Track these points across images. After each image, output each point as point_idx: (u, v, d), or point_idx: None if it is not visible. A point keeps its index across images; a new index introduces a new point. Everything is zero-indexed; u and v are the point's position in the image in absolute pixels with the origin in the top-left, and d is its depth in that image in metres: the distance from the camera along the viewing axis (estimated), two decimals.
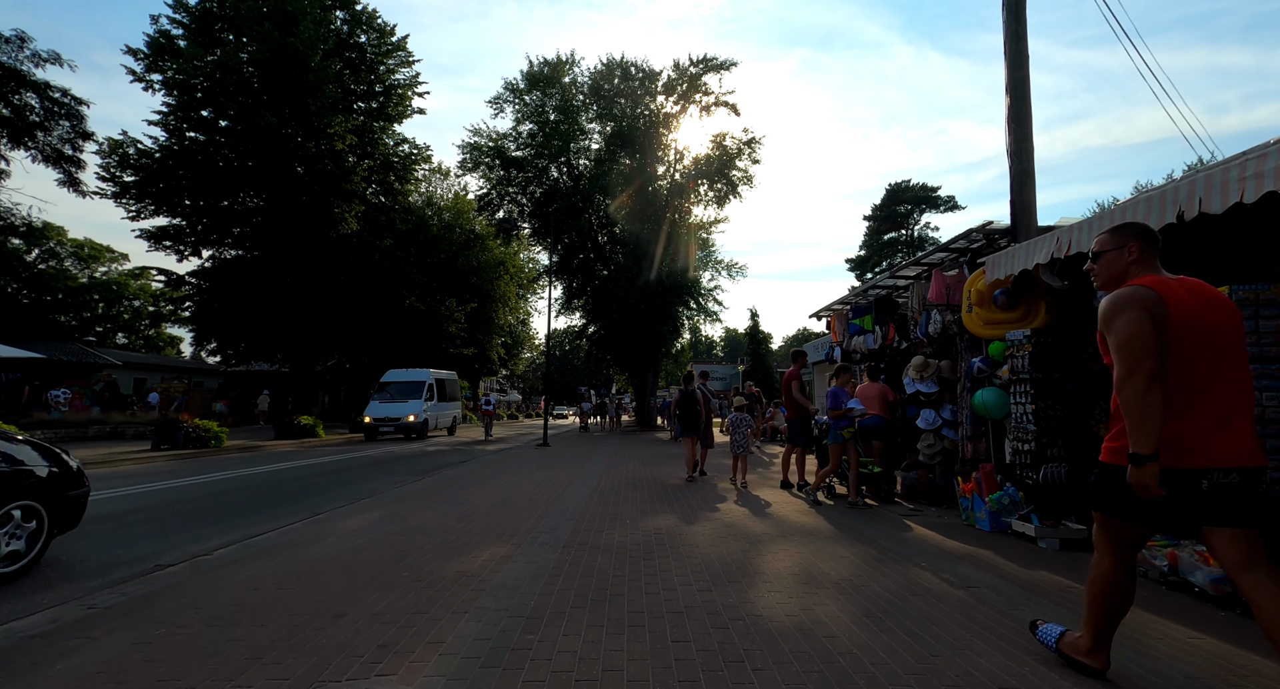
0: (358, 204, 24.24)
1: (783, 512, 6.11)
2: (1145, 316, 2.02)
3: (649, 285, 24.73)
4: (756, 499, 6.90)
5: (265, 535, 4.77)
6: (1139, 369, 1.99)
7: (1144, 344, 2.00)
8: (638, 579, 3.64)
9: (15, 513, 3.89)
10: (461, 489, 7.50)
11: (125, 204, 22.66)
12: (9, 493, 3.86)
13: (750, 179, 27.43)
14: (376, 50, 26.15)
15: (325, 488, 8.15)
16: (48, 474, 4.14)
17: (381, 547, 4.41)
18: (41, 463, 4.16)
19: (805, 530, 5.14)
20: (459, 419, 23.35)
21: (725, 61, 26.25)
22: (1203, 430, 2.00)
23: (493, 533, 4.92)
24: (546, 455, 12.91)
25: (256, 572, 3.76)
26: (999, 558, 4.23)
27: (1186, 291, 2.09)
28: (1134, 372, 2.00)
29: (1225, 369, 2.04)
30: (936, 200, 41.40)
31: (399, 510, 5.93)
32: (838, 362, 9.51)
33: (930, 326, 6.16)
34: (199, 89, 21.63)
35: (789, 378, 7.82)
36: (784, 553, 4.35)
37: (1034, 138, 5.68)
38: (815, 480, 7.03)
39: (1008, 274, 4.93)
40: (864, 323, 8.94)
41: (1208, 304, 2.08)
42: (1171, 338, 2.02)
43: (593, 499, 6.80)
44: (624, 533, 4.97)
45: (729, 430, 8.26)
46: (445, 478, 8.66)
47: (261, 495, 7.45)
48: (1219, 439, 1.98)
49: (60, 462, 4.30)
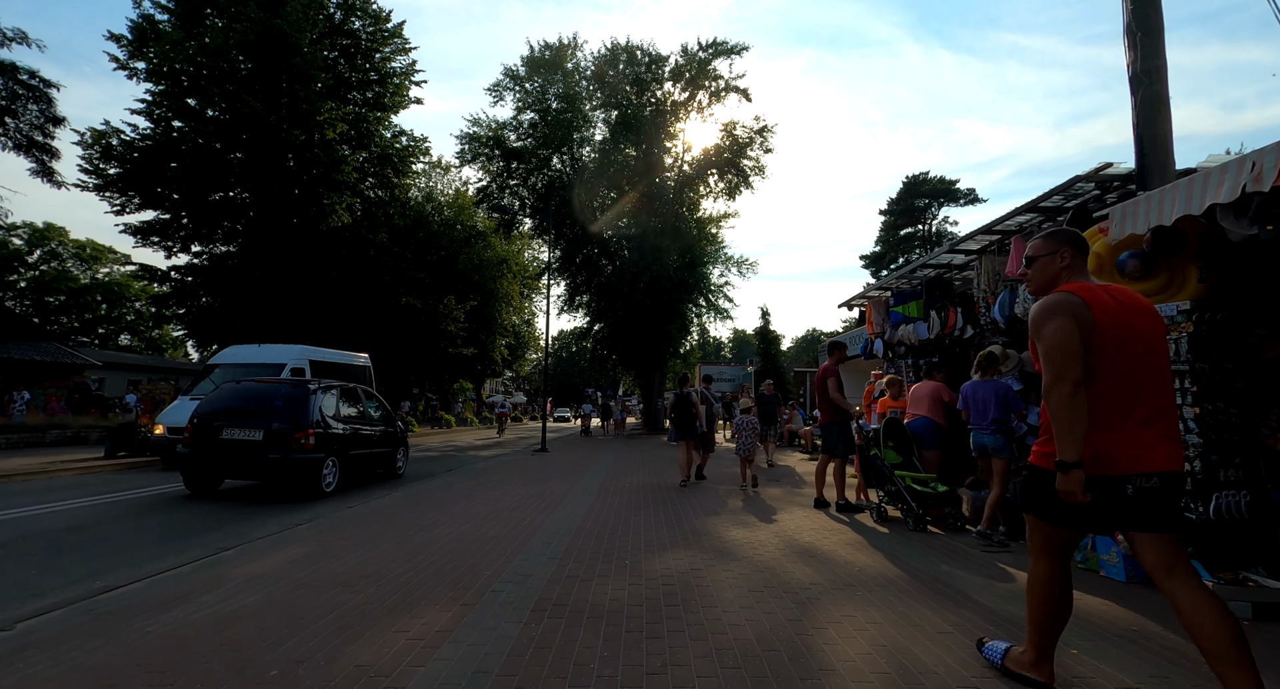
0: (349, 195, 23.09)
1: (828, 543, 4.75)
2: (1071, 324, 2.03)
3: (656, 281, 23.40)
4: (788, 522, 5.54)
5: (125, 588, 3.47)
6: (1065, 377, 2.00)
7: (1070, 352, 2.02)
8: (636, 682, 2.31)
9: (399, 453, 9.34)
10: (428, 509, 6.19)
11: (109, 197, 21.68)
12: (392, 441, 9.31)
13: (762, 169, 26.08)
14: (371, 38, 25.04)
15: (268, 508, 6.87)
16: (402, 433, 9.74)
17: (270, 612, 3.10)
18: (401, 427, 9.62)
19: (869, 578, 3.78)
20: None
21: (736, 45, 24.91)
22: (1127, 437, 2.01)
23: (442, 582, 3.61)
24: (542, 463, 11.60)
25: (39, 671, 2.46)
26: (1172, 633, 2.86)
27: (1111, 298, 2.11)
28: (1061, 379, 2.01)
29: (1148, 375, 2.06)
30: (956, 193, 39.72)
31: (334, 544, 4.63)
32: (878, 355, 8.14)
33: (1016, 307, 4.78)
34: (183, 75, 20.61)
35: (825, 374, 6.46)
36: (851, 622, 2.99)
37: (1167, 55, 4.31)
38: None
39: (1145, 229, 3.56)
40: (909, 310, 7.56)
41: (1132, 310, 2.10)
42: (1097, 344, 2.03)
43: (586, 524, 5.47)
44: (620, 582, 3.63)
45: (735, 435, 7.94)
46: (415, 493, 7.36)
47: (181, 518, 6.17)
48: (1141, 445, 1.99)
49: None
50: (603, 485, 8.26)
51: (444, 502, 6.73)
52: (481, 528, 5.27)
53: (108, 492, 7.79)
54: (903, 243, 40.91)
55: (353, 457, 8.13)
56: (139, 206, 21.87)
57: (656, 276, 23.27)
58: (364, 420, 8.68)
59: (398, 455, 9.60)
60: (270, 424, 7.09)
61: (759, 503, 6.84)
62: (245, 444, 7.06)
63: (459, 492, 7.57)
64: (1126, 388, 2.03)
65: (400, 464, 9.75)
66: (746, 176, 26.09)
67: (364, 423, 8.62)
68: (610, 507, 6.46)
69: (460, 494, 7.36)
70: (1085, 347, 2.02)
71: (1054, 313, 2.08)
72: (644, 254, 23.44)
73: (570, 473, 9.85)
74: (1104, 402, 2.03)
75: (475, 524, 5.45)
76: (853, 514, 6.09)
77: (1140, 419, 2.02)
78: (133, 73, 21.53)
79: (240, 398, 7.52)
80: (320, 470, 7.28)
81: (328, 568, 3.90)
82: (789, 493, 7.66)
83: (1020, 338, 5.42)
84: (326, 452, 7.41)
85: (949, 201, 40.33)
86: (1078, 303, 2.07)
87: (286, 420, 7.12)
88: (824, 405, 6.56)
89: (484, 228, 34.26)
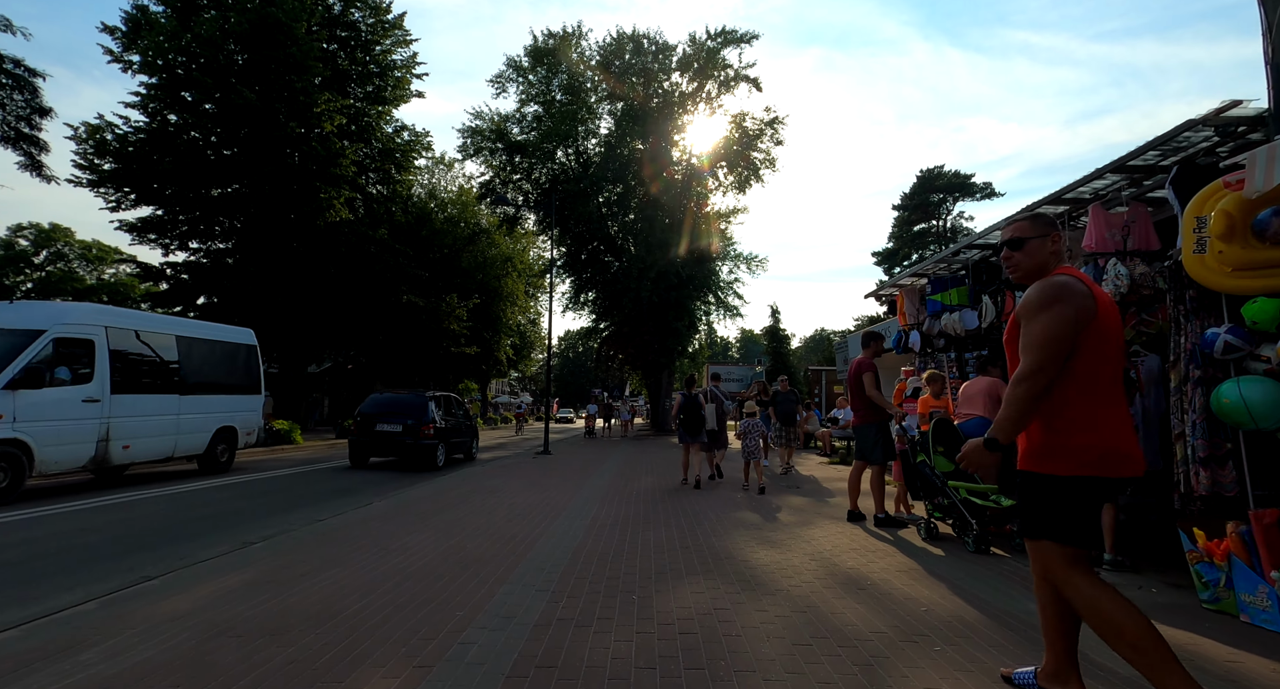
0: (348, 190, 22.48)
1: (877, 570, 3.95)
2: (1073, 315, 1.94)
3: (664, 276, 22.60)
4: (822, 539, 4.74)
5: None
6: (1046, 370, 1.93)
7: (1063, 345, 1.94)
8: None
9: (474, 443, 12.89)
10: (407, 523, 5.45)
11: (104, 193, 21.25)
12: (471, 433, 12.88)
13: (773, 162, 25.24)
14: (371, 30, 24.44)
15: (222, 522, 6.16)
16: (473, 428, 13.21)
17: (164, 675, 2.35)
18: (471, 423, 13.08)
19: (941, 622, 2.98)
20: (258, 431, 10.91)
21: (746, 33, 24.07)
22: (1128, 437, 1.97)
23: (400, 628, 2.84)
24: (544, 467, 10.85)
25: None
26: None
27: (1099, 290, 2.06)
28: (1042, 371, 1.94)
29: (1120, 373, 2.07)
30: (971, 187, 38.57)
31: (286, 568, 3.88)
32: (912, 349, 7.32)
33: (1112, 283, 3.95)
34: (178, 67, 20.10)
35: (860, 368, 5.66)
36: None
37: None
38: None
39: None
40: (950, 297, 6.73)
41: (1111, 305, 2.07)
42: (1093, 338, 1.96)
43: (587, 542, 4.70)
44: (626, 629, 2.86)
45: (740, 436, 8.02)
46: (399, 502, 6.62)
47: (114, 540, 5.46)
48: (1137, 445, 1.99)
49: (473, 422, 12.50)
50: (607, 493, 7.49)
51: (429, 512, 5.98)
52: (465, 546, 4.52)
53: (32, 505, 7.09)
54: (916, 239, 39.82)
55: (451, 443, 11.48)
56: (135, 202, 21.39)
57: (664, 272, 22.48)
58: (455, 419, 12.01)
59: (473, 444, 13.23)
60: (407, 421, 10.49)
61: (783, 515, 6.05)
62: (391, 434, 10.52)
63: (449, 499, 6.82)
64: (1116, 386, 2.02)
65: (475, 450, 13.44)
66: (757, 169, 25.25)
67: (455, 420, 12.01)
68: (616, 519, 5.69)
69: (450, 502, 6.61)
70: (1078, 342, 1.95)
71: (1058, 299, 1.97)
72: (651, 249, 22.65)
73: (573, 478, 9.09)
74: (1100, 398, 1.97)
75: (459, 540, 4.69)
76: (895, 530, 5.28)
77: (1128, 418, 2.02)
78: (127, 66, 21.02)
79: (388, 404, 10.94)
80: (436, 452, 10.73)
81: (265, 605, 3.15)
82: (815, 503, 6.85)
83: None
84: (439, 440, 10.84)
85: (964, 196, 39.21)
86: (1085, 293, 1.98)
87: (416, 419, 10.50)
88: (859, 404, 5.75)
89: (488, 225, 33.61)
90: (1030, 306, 2.02)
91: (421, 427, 10.34)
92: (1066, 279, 2.02)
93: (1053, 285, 2.01)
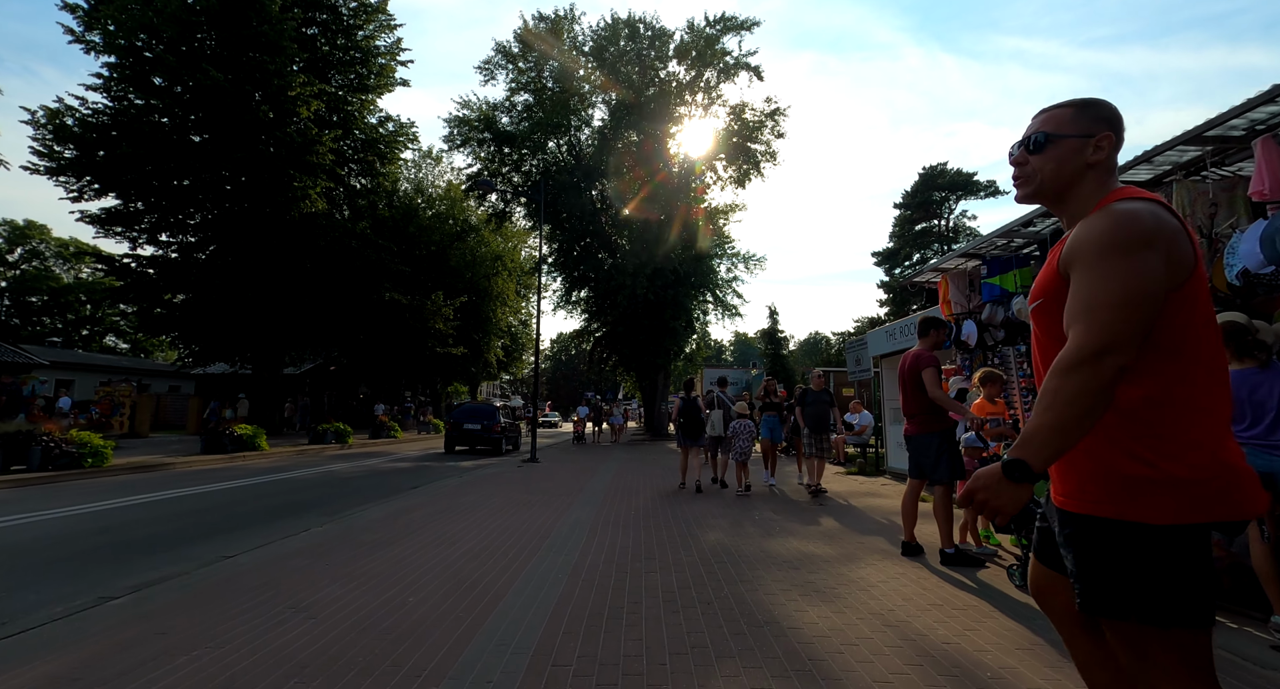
0: (324, 179, 21.18)
1: (977, 644, 2.76)
2: (1161, 266, 1.13)
3: (659, 273, 21.44)
4: (881, 586, 3.56)
5: None
6: (1119, 349, 1.10)
7: (1148, 312, 1.12)
8: None
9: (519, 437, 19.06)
10: (340, 561, 4.21)
11: (65, 183, 19.92)
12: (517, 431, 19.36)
13: (774, 155, 24.20)
14: (353, 14, 23.18)
15: (93, 560, 4.93)
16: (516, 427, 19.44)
17: None
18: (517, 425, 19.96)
19: None
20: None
21: (746, 20, 23.06)
22: (1241, 453, 1.17)
23: None
24: (529, 479, 9.62)
25: None
26: None
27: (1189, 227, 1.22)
28: (1111, 350, 1.10)
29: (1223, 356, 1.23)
30: (975, 185, 37.66)
31: (133, 641, 2.65)
32: (966, 342, 6.16)
33: None
34: (145, 47, 18.84)
35: (919, 363, 4.50)
36: None
37: None
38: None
39: None
40: (1009, 281, 5.60)
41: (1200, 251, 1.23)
42: (1190, 302, 1.17)
43: (575, 590, 3.50)
44: None
45: (731, 438, 8.05)
46: (344, 528, 5.37)
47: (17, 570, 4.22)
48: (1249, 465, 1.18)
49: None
50: (601, 513, 6.28)
51: (376, 544, 4.75)
52: (404, 603, 3.30)
53: None
54: (918, 238, 38.87)
55: (508, 436, 16.79)
56: (98, 192, 20.07)
57: (660, 268, 21.33)
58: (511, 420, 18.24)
59: (519, 438, 18.83)
60: (484, 421, 16.14)
61: (817, 545, 4.86)
62: (472, 430, 16.02)
63: (405, 525, 5.58)
64: (1223, 375, 1.20)
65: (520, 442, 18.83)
66: (757, 162, 24.20)
67: (511, 421, 18.12)
68: (612, 553, 4.49)
69: (408, 527, 5.38)
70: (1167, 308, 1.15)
71: (1144, 239, 1.13)
72: (646, 244, 21.51)
73: (561, 493, 7.88)
74: (1215, 397, 1.17)
75: (397, 593, 3.48)
76: (972, 570, 4.11)
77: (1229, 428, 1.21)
78: (90, 46, 19.74)
79: (470, 411, 16.68)
80: (503, 443, 16.43)
81: None
82: (854, 532, 5.65)
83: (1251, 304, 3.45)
84: (503, 435, 16.37)
85: (968, 194, 38.33)
86: (1176, 228, 1.16)
87: (489, 420, 16.21)
88: (915, 407, 4.59)
89: (477, 222, 32.36)
90: (1092, 248, 1.18)
91: (493, 426, 15.86)
92: (1151, 207, 1.19)
93: (1132, 216, 1.17)
